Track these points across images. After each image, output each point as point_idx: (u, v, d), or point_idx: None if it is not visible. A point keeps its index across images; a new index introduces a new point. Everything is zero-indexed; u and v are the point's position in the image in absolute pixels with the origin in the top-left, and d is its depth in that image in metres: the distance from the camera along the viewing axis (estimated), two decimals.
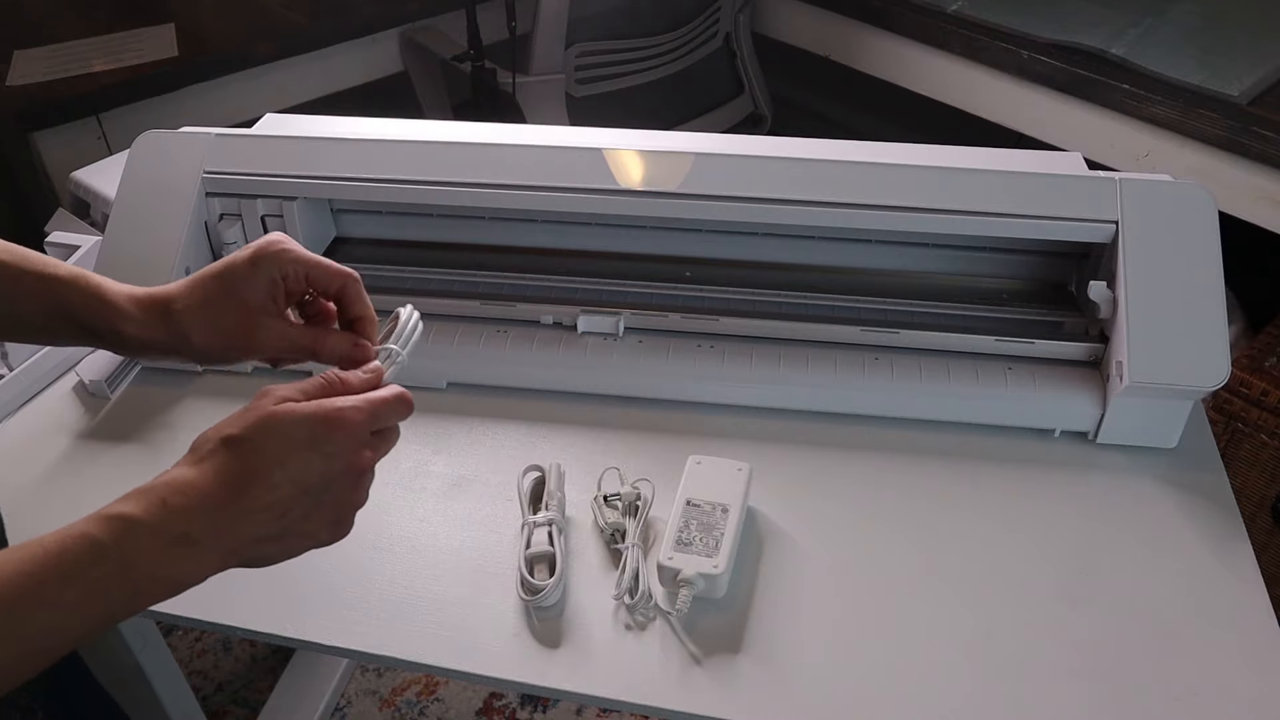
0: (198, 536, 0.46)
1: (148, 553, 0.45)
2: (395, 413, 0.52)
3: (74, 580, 0.43)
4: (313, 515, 0.49)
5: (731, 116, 2.05)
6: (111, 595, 0.44)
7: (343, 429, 0.49)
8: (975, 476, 0.73)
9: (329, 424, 0.48)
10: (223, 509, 0.46)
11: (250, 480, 0.47)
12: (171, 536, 0.45)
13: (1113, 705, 0.58)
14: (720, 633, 0.62)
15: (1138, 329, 0.71)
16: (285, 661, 1.42)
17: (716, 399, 0.79)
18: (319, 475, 0.48)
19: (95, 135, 1.43)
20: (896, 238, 0.85)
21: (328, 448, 0.48)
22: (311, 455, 0.48)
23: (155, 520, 0.45)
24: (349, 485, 0.50)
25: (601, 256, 0.88)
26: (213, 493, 0.46)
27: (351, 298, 0.58)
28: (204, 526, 0.46)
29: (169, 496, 0.46)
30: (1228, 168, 1.33)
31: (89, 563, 0.44)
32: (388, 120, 0.92)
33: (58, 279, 0.57)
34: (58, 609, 0.43)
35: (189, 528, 0.46)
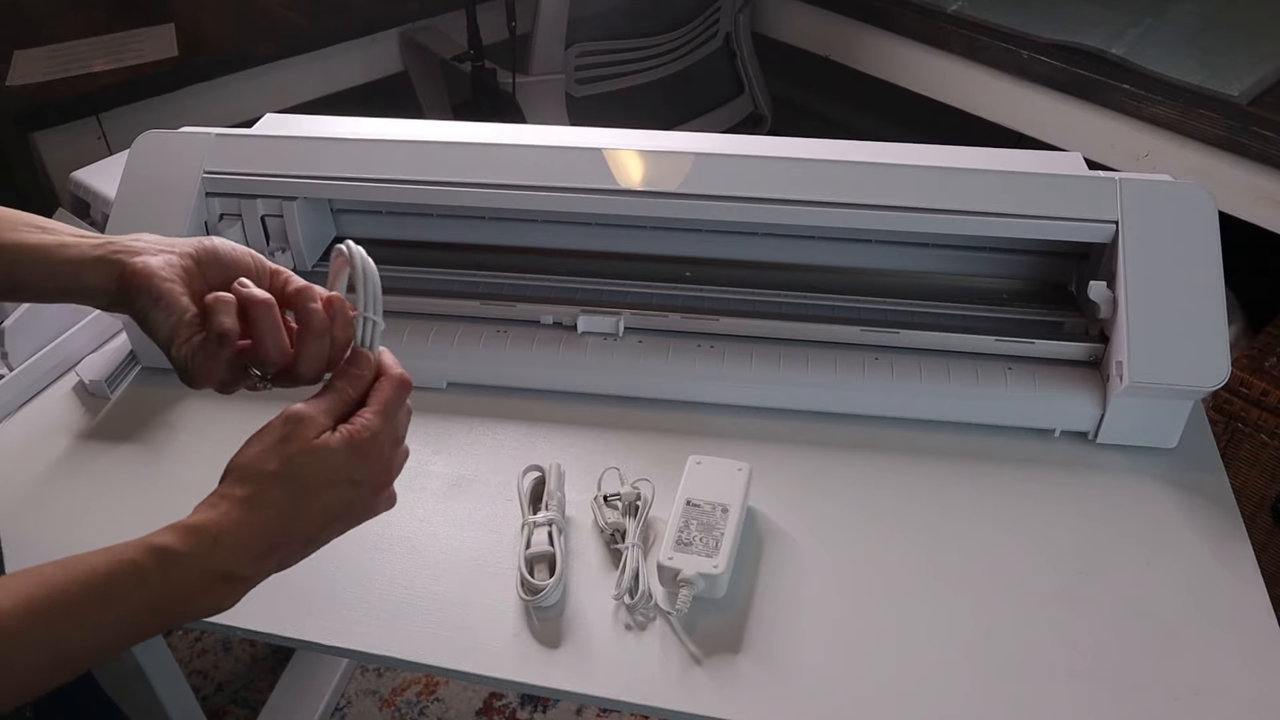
0: (240, 574, 0.48)
1: (189, 587, 0.47)
2: (401, 399, 0.54)
3: (114, 604, 0.45)
4: (339, 525, 0.52)
5: (731, 116, 2.05)
6: (147, 622, 0.47)
7: (372, 458, 0.51)
8: (975, 476, 0.73)
9: (360, 454, 0.51)
10: (268, 546, 0.49)
11: (291, 516, 0.49)
12: (216, 574, 0.48)
13: (1113, 705, 0.58)
14: (720, 633, 0.62)
15: (1138, 329, 0.71)
16: (285, 661, 1.42)
17: (716, 399, 0.79)
18: (350, 500, 0.51)
19: (95, 135, 1.43)
20: (896, 238, 0.85)
21: (358, 475, 0.51)
22: (345, 486, 0.51)
23: (204, 557, 0.47)
24: (374, 500, 0.53)
25: (601, 256, 0.88)
26: (260, 534, 0.49)
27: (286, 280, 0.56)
28: (248, 565, 0.49)
29: (220, 536, 0.48)
30: (1228, 168, 1.33)
31: (130, 590, 0.46)
32: (388, 120, 0.92)
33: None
34: (95, 628, 0.45)
35: (235, 567, 0.48)
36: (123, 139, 1.25)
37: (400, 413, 0.54)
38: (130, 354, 0.84)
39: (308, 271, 0.87)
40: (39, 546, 0.69)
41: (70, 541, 0.69)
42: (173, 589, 0.46)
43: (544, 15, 1.61)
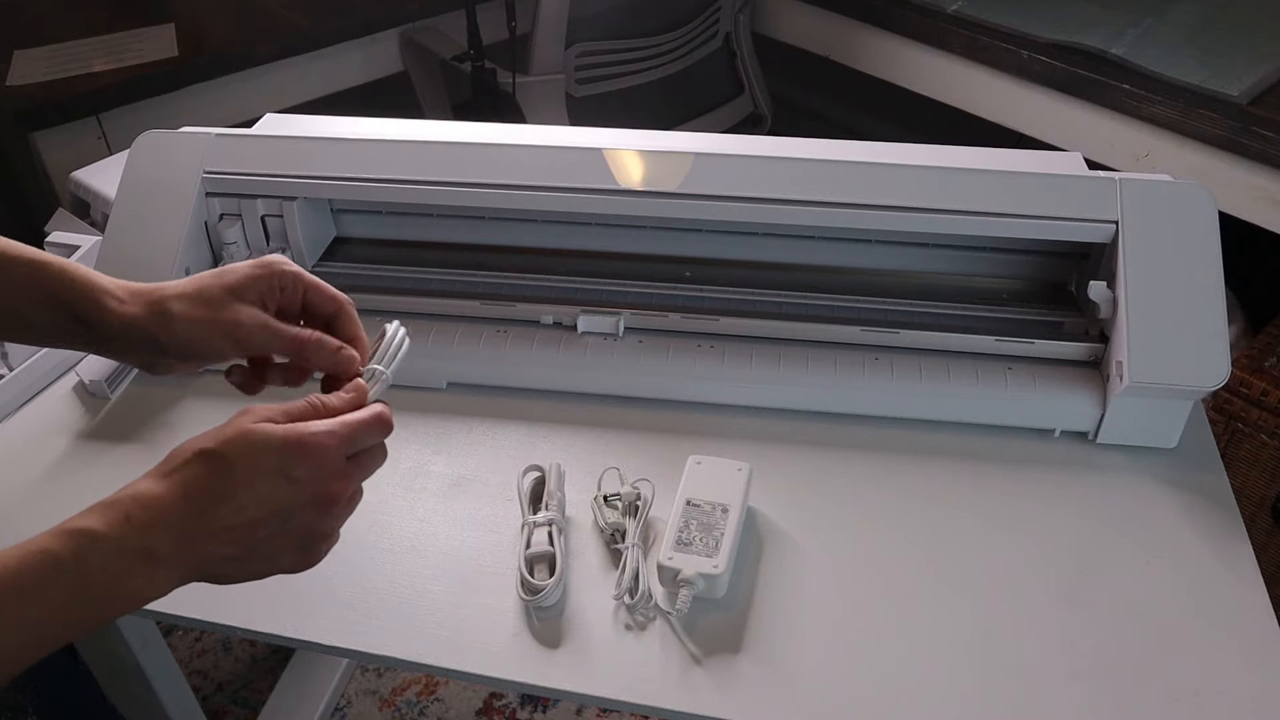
0: (159, 553, 0.45)
1: (107, 568, 0.44)
2: (373, 434, 0.52)
3: (30, 598, 0.43)
4: (277, 540, 0.49)
5: (731, 116, 2.05)
6: (71, 611, 0.44)
7: (313, 455, 0.48)
8: (975, 476, 0.73)
9: (300, 448, 0.48)
10: (186, 526, 0.46)
11: (217, 498, 0.46)
12: (133, 552, 0.45)
13: (1112, 705, 0.58)
14: (720, 633, 0.62)
15: (1138, 329, 0.71)
16: (285, 661, 1.42)
17: (716, 399, 0.79)
18: (284, 501, 0.48)
19: (95, 135, 1.43)
20: (896, 238, 0.85)
21: (297, 473, 0.48)
22: (279, 480, 0.47)
23: (117, 535, 0.45)
24: (316, 513, 0.49)
25: (601, 256, 0.88)
26: (178, 508, 0.46)
27: (344, 321, 0.58)
28: (166, 542, 0.45)
29: (133, 511, 0.45)
30: (1228, 168, 1.33)
31: (47, 580, 0.43)
32: (388, 120, 0.92)
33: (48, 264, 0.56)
34: (16, 626, 0.42)
35: (151, 543, 0.45)
36: (123, 139, 1.25)
37: (367, 439, 0.52)
38: None
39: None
40: None
41: None
42: (89, 571, 0.44)
43: (544, 15, 1.61)
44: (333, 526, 0.51)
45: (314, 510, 0.49)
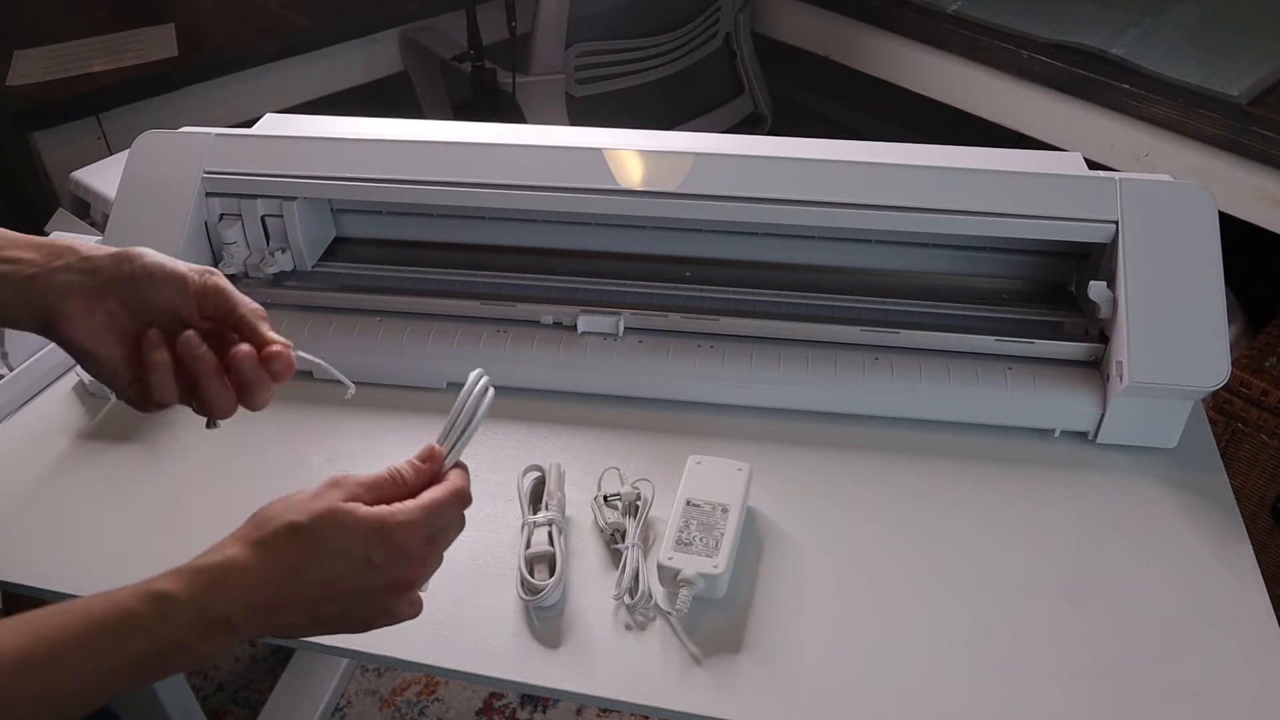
0: (237, 622, 0.47)
1: (184, 632, 0.46)
2: (453, 510, 0.53)
3: (109, 653, 0.45)
4: (345, 615, 0.50)
5: (731, 116, 2.04)
6: (144, 669, 0.46)
7: (395, 542, 0.49)
8: (975, 476, 0.73)
9: (384, 536, 0.49)
10: (265, 597, 0.47)
11: (299, 573, 0.48)
12: (211, 620, 0.46)
13: (1113, 705, 0.58)
14: (720, 633, 0.62)
15: (1138, 329, 0.71)
16: (285, 661, 1.42)
17: (716, 399, 0.79)
18: (362, 584, 0.49)
19: (95, 135, 1.43)
20: (896, 238, 0.85)
21: (378, 558, 0.49)
22: (360, 564, 0.49)
23: (199, 602, 0.46)
24: (389, 597, 0.51)
25: (601, 256, 0.88)
26: (261, 580, 0.47)
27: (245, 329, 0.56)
28: (245, 614, 0.47)
29: (221, 580, 0.47)
30: (1228, 168, 1.33)
31: (128, 637, 0.45)
32: (388, 120, 0.92)
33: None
34: (90, 677, 0.44)
35: (231, 613, 0.47)
36: (123, 139, 1.25)
37: (447, 519, 0.52)
38: None
39: (307, 271, 0.87)
40: (39, 547, 0.69)
41: (70, 542, 0.69)
42: (168, 634, 0.46)
43: (544, 15, 1.61)
44: (404, 610, 0.52)
45: (387, 594, 0.51)
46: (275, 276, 0.85)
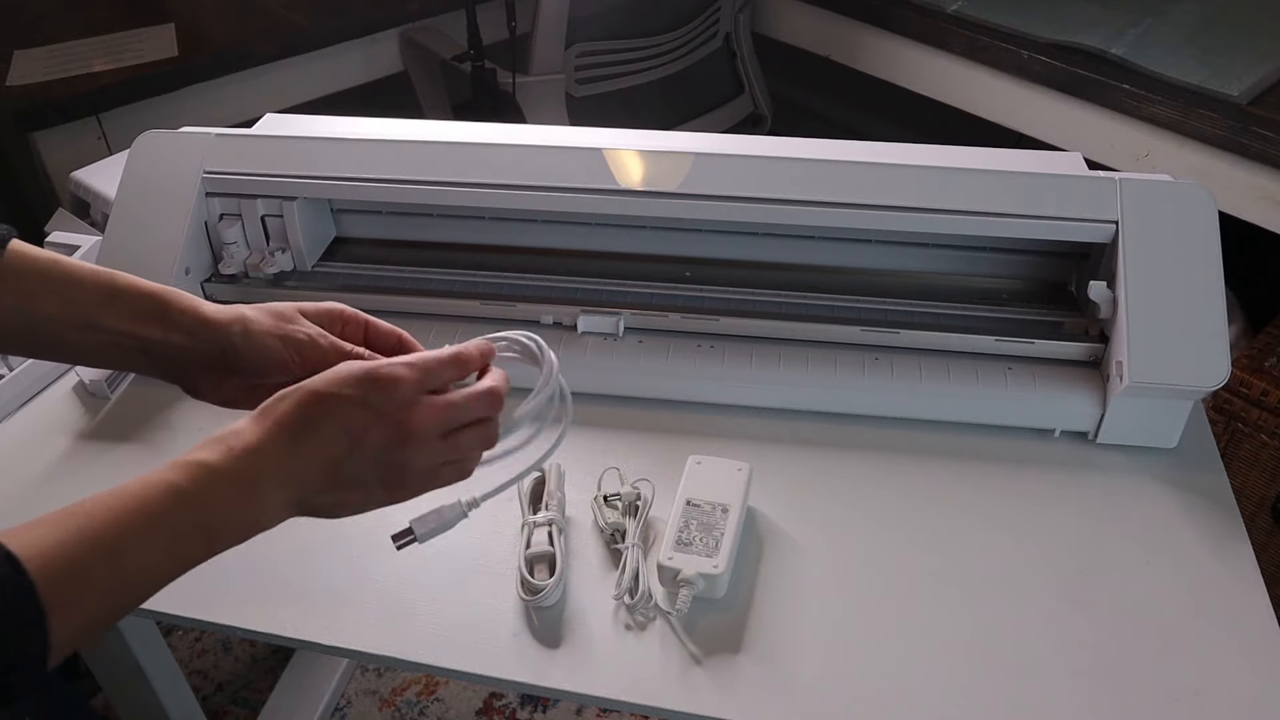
0: (261, 483, 0.49)
1: (223, 498, 0.48)
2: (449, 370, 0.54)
3: (161, 524, 0.46)
4: (365, 470, 0.51)
5: (731, 116, 2.04)
6: (194, 539, 0.47)
7: (388, 384, 0.51)
8: (975, 476, 0.73)
9: (376, 379, 0.51)
10: (280, 456, 0.49)
11: (306, 427, 0.50)
12: (240, 480, 0.48)
13: (1113, 705, 0.58)
14: (720, 633, 0.62)
15: (1138, 329, 0.71)
16: (285, 661, 1.42)
17: (716, 399, 0.79)
18: (359, 422, 0.50)
19: (95, 135, 1.43)
20: (896, 238, 0.85)
21: (374, 400, 0.50)
22: (357, 409, 0.50)
23: (227, 467, 0.48)
24: (393, 440, 0.51)
25: (601, 256, 0.88)
26: (271, 439, 0.49)
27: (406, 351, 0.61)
28: (265, 472, 0.49)
29: (230, 440, 0.49)
30: (1228, 168, 1.33)
31: (174, 507, 0.46)
32: (388, 120, 0.92)
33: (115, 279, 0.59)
34: (146, 552, 0.45)
35: (252, 472, 0.48)
36: (123, 139, 1.25)
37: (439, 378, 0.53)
38: None
39: (307, 271, 0.87)
40: None
41: None
42: (210, 500, 0.47)
43: (544, 15, 1.61)
44: (417, 459, 0.52)
45: (388, 433, 0.51)
46: (275, 276, 0.85)
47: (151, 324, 0.58)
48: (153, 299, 0.58)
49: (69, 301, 0.57)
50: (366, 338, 0.62)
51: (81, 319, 0.57)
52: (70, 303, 0.57)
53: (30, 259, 0.57)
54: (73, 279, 0.57)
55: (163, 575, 0.47)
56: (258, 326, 0.59)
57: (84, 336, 0.58)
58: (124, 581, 0.45)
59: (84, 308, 0.57)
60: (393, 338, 0.62)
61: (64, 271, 0.57)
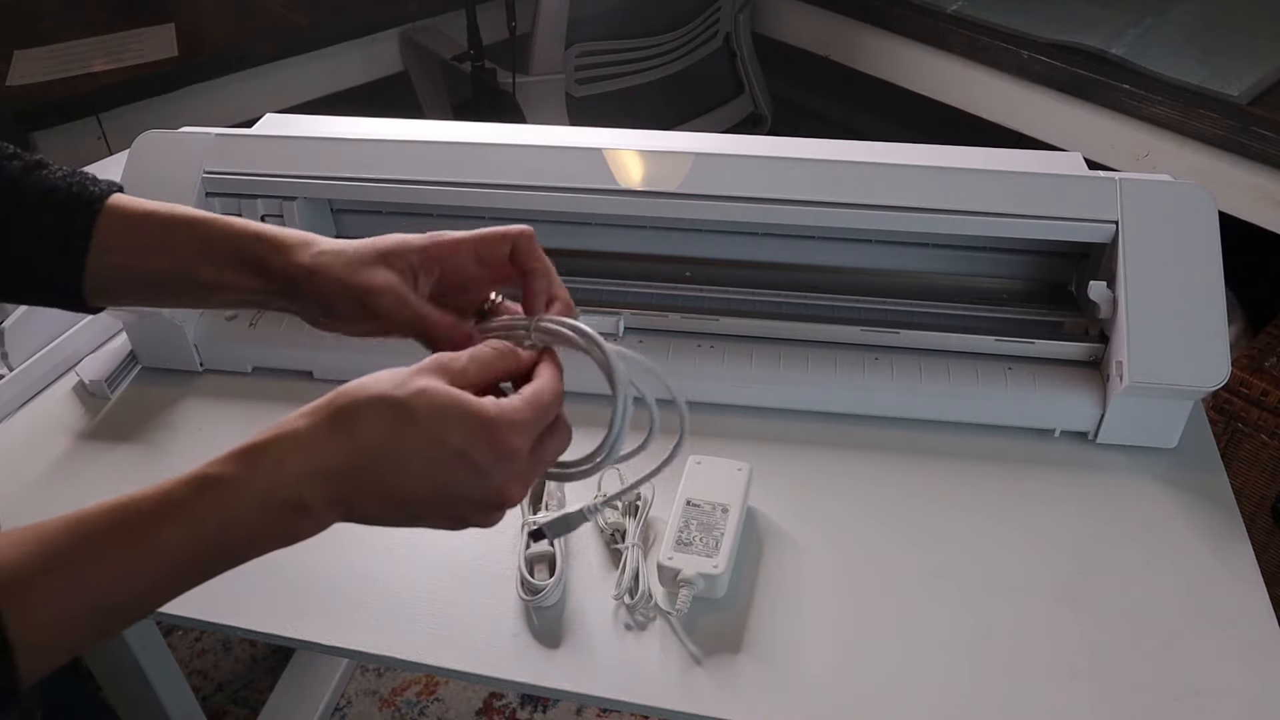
0: (313, 505, 0.42)
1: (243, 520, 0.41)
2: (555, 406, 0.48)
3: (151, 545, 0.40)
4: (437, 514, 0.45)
5: (731, 116, 2.05)
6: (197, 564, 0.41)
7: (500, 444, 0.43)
8: (975, 476, 0.73)
9: (489, 434, 0.43)
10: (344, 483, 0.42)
11: (385, 458, 0.42)
12: (277, 503, 0.41)
13: (1113, 705, 0.58)
14: (720, 633, 0.62)
15: (1138, 329, 0.71)
16: (285, 661, 1.42)
17: (716, 399, 0.79)
18: (460, 487, 0.43)
19: (95, 135, 1.43)
20: (896, 238, 0.85)
21: (482, 460, 0.43)
22: (457, 462, 0.43)
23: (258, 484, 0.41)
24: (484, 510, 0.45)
25: (601, 256, 0.88)
26: (333, 459, 0.42)
27: (522, 253, 0.54)
28: (321, 496, 0.42)
29: (284, 453, 0.42)
30: (1228, 168, 1.33)
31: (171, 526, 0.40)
32: (388, 120, 0.92)
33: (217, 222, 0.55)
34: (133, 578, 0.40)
35: (305, 493, 0.41)
36: (123, 139, 1.25)
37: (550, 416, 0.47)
38: (130, 354, 0.84)
39: None
40: None
41: None
42: (224, 522, 0.41)
43: (544, 15, 1.61)
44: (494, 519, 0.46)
45: (484, 507, 0.45)
46: None
47: (248, 272, 0.53)
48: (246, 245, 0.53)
49: (168, 255, 0.53)
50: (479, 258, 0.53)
51: (183, 271, 0.53)
52: (169, 257, 0.53)
53: (126, 214, 0.54)
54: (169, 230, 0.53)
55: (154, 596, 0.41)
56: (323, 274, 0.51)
57: (192, 286, 0.54)
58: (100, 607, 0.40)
59: (183, 260, 0.53)
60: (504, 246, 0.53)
61: (160, 223, 0.54)
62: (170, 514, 0.40)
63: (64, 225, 0.54)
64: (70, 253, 0.54)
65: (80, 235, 0.54)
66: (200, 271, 0.54)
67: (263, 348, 0.83)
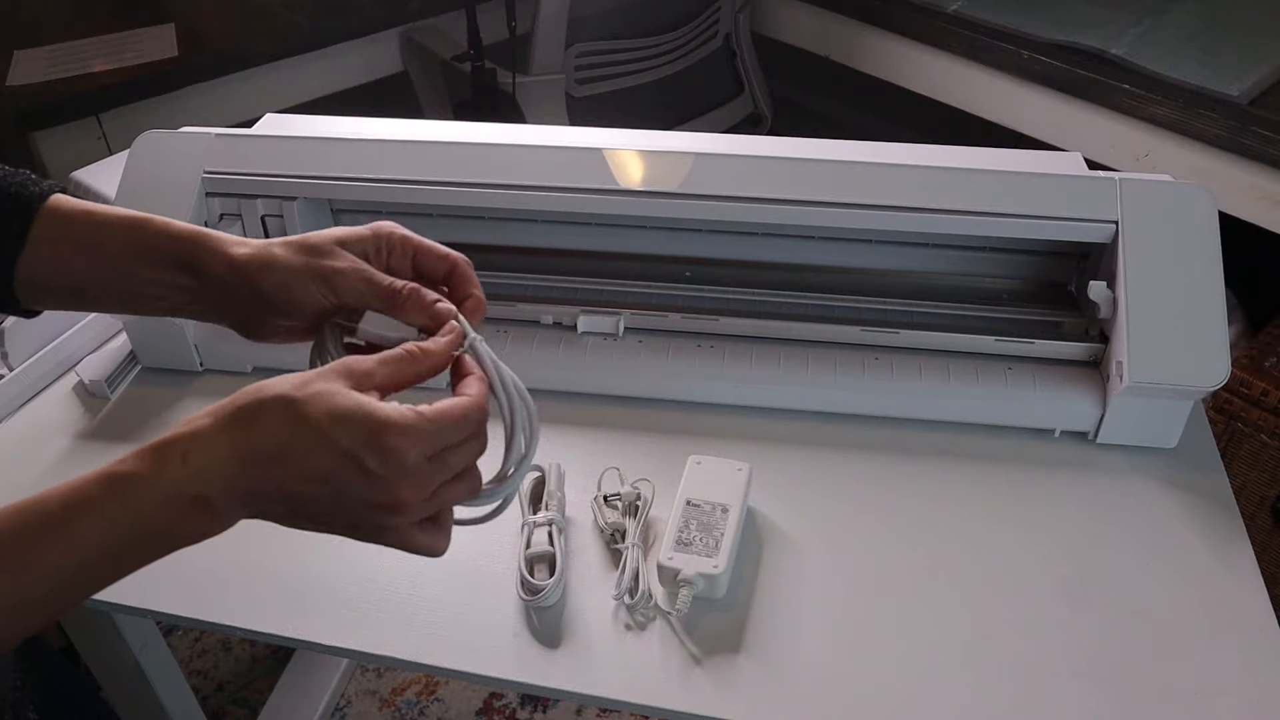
0: (216, 500, 0.43)
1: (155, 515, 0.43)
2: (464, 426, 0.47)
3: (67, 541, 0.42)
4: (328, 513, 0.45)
5: (731, 116, 2.05)
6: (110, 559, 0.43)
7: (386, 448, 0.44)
8: (975, 476, 0.73)
9: (375, 437, 0.44)
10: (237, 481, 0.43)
11: (279, 454, 0.43)
12: (185, 499, 0.43)
13: (1113, 705, 0.58)
14: (720, 633, 0.62)
15: (1138, 329, 0.71)
16: (285, 661, 1.42)
17: (716, 399, 0.79)
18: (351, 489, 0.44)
19: (95, 135, 1.43)
20: (896, 238, 0.85)
21: (371, 464, 0.44)
22: (347, 463, 0.44)
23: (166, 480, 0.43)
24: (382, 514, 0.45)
25: (601, 256, 0.88)
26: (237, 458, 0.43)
27: (459, 280, 0.55)
28: (219, 493, 0.43)
29: (189, 453, 0.43)
30: (1228, 168, 1.33)
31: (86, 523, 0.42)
32: (388, 120, 0.92)
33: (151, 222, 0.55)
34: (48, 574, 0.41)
35: (206, 491, 0.43)
36: (123, 139, 1.25)
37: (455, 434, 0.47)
38: (130, 354, 0.84)
39: None
40: None
41: None
42: (138, 520, 0.42)
43: (544, 15, 1.61)
44: (395, 524, 0.46)
45: (378, 511, 0.45)
46: None
47: (184, 273, 0.54)
48: (183, 246, 0.54)
49: (103, 256, 0.54)
50: (415, 264, 0.55)
51: (119, 272, 0.54)
52: (105, 257, 0.54)
53: (63, 215, 0.55)
54: (104, 231, 0.54)
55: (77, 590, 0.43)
56: (284, 267, 0.53)
57: (126, 288, 0.55)
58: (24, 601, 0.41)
59: (118, 261, 0.54)
60: (444, 265, 0.55)
61: (96, 223, 0.54)
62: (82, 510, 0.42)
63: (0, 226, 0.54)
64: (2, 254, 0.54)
65: (15, 237, 0.54)
66: (137, 272, 0.54)
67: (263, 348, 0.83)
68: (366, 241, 0.55)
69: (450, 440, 0.47)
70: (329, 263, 0.53)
